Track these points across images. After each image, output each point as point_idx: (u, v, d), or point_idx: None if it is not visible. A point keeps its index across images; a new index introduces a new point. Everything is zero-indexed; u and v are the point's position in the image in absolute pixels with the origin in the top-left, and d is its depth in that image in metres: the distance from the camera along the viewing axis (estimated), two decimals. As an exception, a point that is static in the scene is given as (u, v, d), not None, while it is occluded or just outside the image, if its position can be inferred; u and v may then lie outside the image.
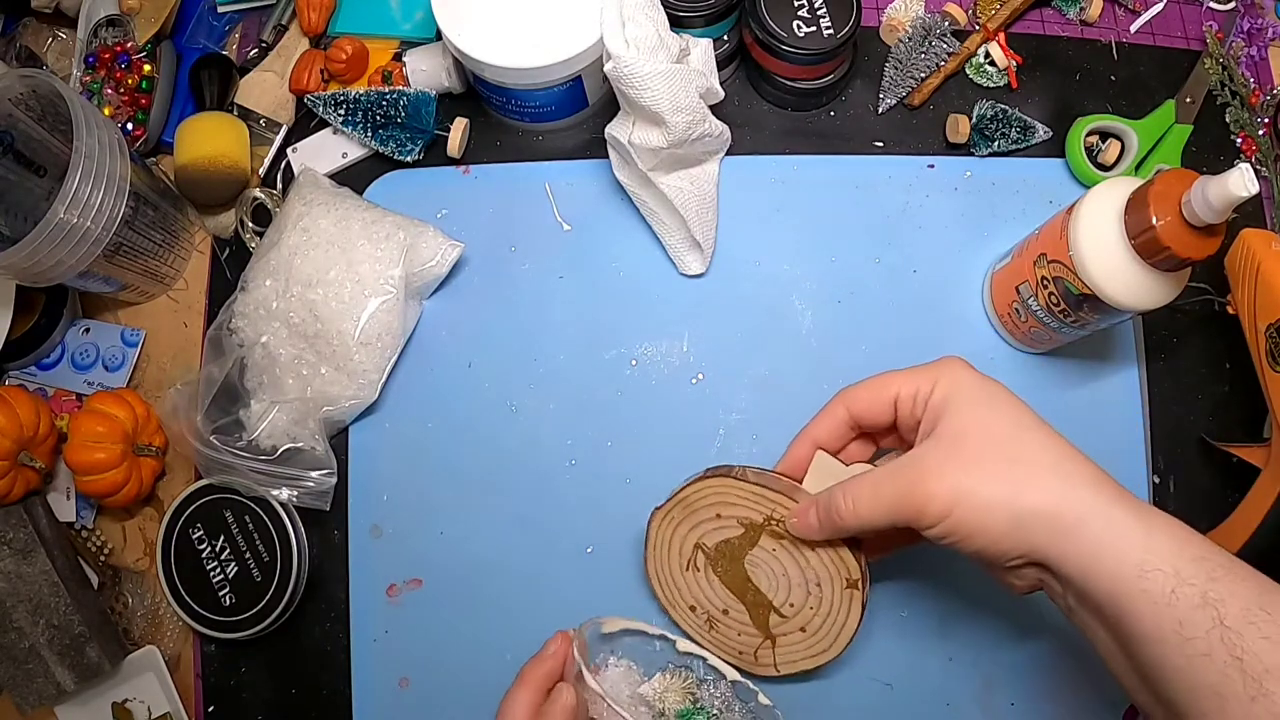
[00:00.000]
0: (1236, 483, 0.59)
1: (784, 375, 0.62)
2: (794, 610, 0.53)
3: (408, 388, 0.62)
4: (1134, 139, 0.64)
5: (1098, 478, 0.41)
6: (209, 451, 0.58)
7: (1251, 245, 0.54)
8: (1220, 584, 0.37)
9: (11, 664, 0.57)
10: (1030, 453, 0.41)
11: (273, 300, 0.59)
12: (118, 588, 0.62)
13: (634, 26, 0.54)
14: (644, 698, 0.55)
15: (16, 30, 0.70)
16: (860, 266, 0.63)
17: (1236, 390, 0.62)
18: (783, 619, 0.53)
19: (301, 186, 0.62)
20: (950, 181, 0.65)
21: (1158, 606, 0.37)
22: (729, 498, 0.52)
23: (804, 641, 0.53)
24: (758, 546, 0.52)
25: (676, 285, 0.63)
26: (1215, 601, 0.36)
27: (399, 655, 0.59)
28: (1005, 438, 0.42)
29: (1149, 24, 0.68)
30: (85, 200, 0.55)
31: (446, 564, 0.60)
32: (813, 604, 0.52)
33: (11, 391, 0.59)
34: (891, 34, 0.66)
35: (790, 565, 0.52)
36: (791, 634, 0.54)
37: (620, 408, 0.61)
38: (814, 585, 0.52)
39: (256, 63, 0.68)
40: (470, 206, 0.65)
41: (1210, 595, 0.36)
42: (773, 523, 0.51)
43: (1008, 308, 0.59)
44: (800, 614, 0.53)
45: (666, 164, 0.59)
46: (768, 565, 0.53)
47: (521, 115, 0.64)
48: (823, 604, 0.52)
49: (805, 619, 0.53)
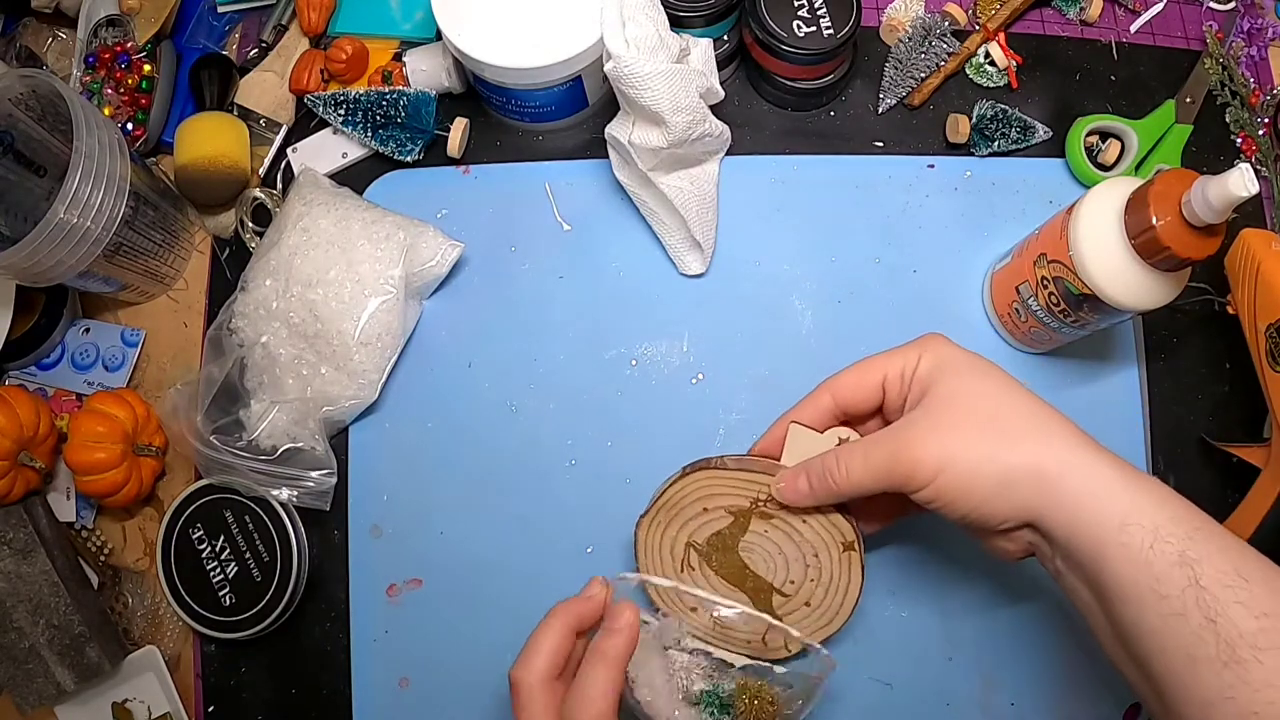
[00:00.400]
0: (1236, 483, 0.59)
1: (784, 375, 0.62)
2: (795, 587, 0.53)
3: (408, 388, 0.62)
4: (1134, 139, 0.64)
5: (1081, 437, 0.42)
6: (209, 451, 0.58)
7: (1251, 245, 0.54)
8: (1198, 544, 0.37)
9: (11, 664, 0.57)
10: (1014, 414, 0.42)
11: (273, 300, 0.59)
12: (118, 588, 0.62)
13: (634, 26, 0.54)
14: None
15: (16, 30, 0.70)
16: (860, 266, 0.63)
17: (1236, 390, 0.62)
18: (785, 598, 0.54)
19: (301, 186, 0.62)
20: (950, 181, 0.65)
21: (1135, 563, 0.37)
22: (712, 490, 0.52)
23: (810, 615, 0.53)
24: (749, 531, 0.53)
25: (676, 285, 0.63)
26: (1192, 561, 0.37)
27: (399, 655, 0.59)
28: (990, 402, 0.43)
29: (1149, 24, 0.68)
30: (85, 200, 0.55)
31: (446, 564, 0.60)
32: (813, 575, 0.53)
33: (11, 391, 0.59)
34: (891, 34, 0.66)
35: (784, 542, 0.52)
36: (797, 610, 0.54)
37: (620, 408, 0.61)
38: (811, 556, 0.52)
39: (256, 63, 0.68)
40: (470, 206, 0.65)
41: (1188, 554, 0.37)
42: (760, 504, 0.52)
43: (1008, 308, 0.59)
44: (802, 589, 0.53)
45: (666, 164, 0.59)
46: (762, 548, 0.53)
47: (521, 115, 0.64)
48: (823, 573, 0.52)
49: (808, 593, 0.53)
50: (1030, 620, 0.59)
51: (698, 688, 0.52)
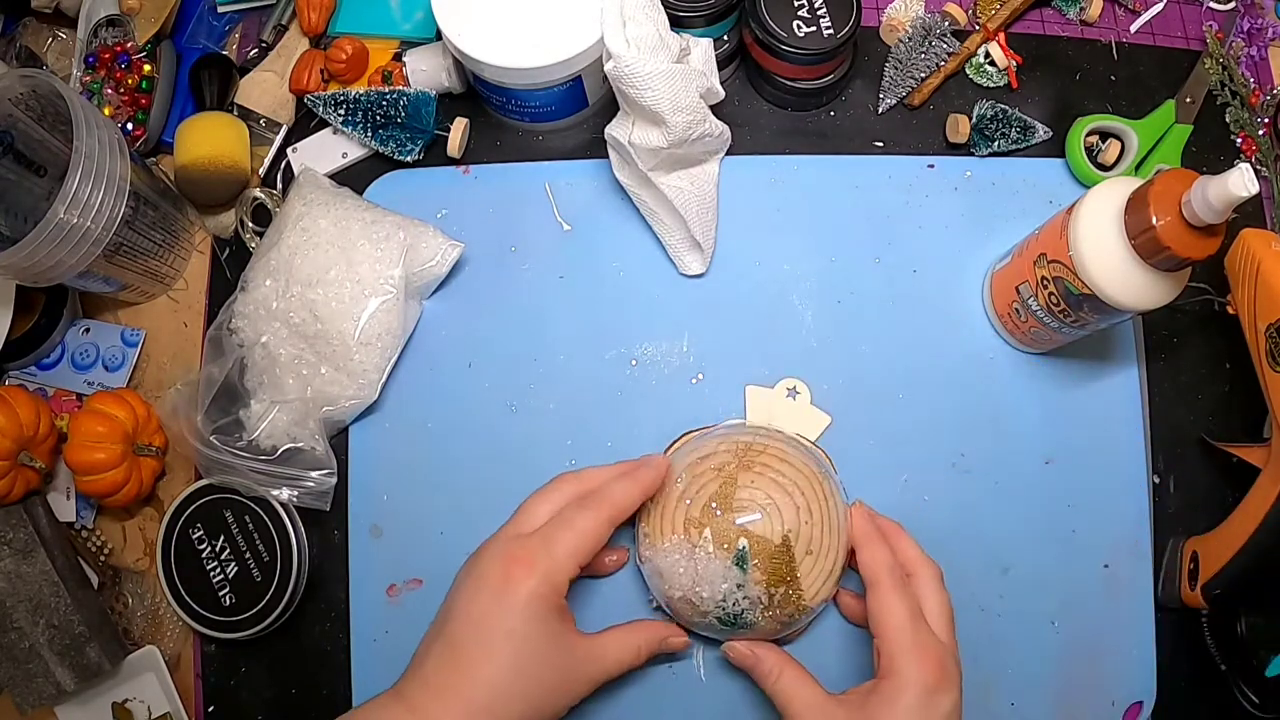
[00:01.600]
0: (1236, 483, 0.59)
1: (784, 375, 0.61)
2: (795, 536, 0.53)
3: (408, 388, 0.62)
4: (1134, 139, 0.64)
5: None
6: (209, 451, 0.58)
7: (1251, 245, 0.54)
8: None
9: (11, 664, 0.57)
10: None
11: (273, 300, 0.59)
12: (118, 588, 0.62)
13: (634, 26, 0.54)
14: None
15: (16, 30, 0.70)
16: (860, 266, 0.63)
17: (1236, 390, 0.62)
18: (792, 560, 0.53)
19: (301, 186, 0.62)
20: (950, 181, 0.65)
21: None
22: (695, 471, 0.54)
23: (817, 566, 0.53)
24: (739, 488, 0.53)
25: (676, 285, 0.63)
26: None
27: (399, 655, 0.59)
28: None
29: (1149, 24, 0.68)
30: (85, 200, 0.55)
31: (446, 564, 0.59)
32: (804, 517, 0.53)
33: (11, 391, 0.59)
34: (891, 34, 0.66)
35: (772, 489, 0.53)
36: (802, 563, 0.53)
37: (620, 408, 0.61)
38: (798, 496, 0.53)
39: (256, 63, 0.68)
40: (470, 206, 0.64)
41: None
42: (742, 453, 0.54)
43: (1008, 308, 0.59)
44: (800, 537, 0.53)
45: (666, 164, 0.59)
46: (755, 502, 0.53)
47: (521, 115, 0.64)
48: (814, 513, 0.53)
49: (807, 538, 0.53)
50: (1030, 620, 0.59)
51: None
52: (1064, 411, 0.61)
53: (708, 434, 0.58)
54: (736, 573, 0.52)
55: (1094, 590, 0.59)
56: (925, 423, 0.61)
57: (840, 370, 0.61)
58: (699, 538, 0.53)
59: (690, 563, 0.52)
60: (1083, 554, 0.60)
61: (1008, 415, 0.61)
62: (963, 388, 0.61)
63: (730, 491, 0.53)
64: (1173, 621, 0.60)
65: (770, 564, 0.52)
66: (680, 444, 0.60)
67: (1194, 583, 0.57)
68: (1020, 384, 0.62)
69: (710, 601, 0.52)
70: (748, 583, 0.52)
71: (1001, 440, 0.61)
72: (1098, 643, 0.59)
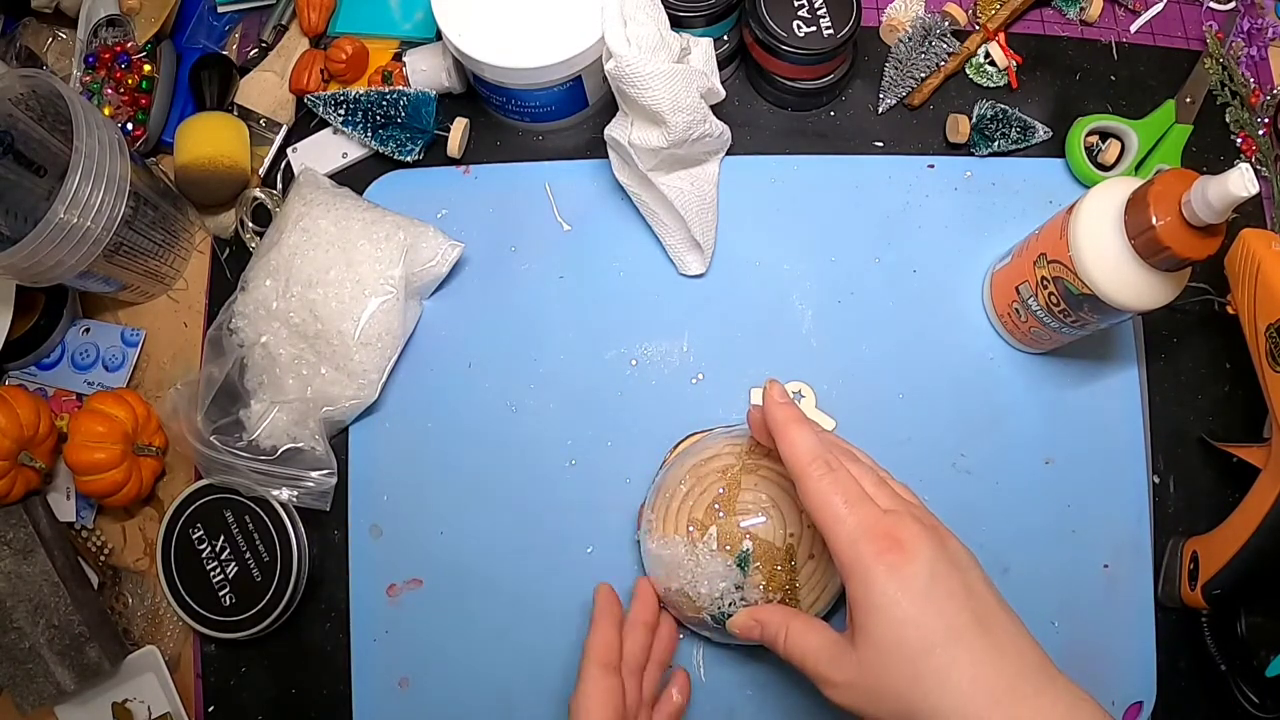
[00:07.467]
0: (1236, 483, 0.59)
1: (784, 375, 0.61)
2: (796, 538, 0.53)
3: (408, 388, 0.62)
4: (1134, 139, 0.64)
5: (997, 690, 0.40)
6: (209, 451, 0.58)
7: (1251, 245, 0.54)
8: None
9: (11, 664, 0.57)
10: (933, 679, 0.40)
11: (273, 300, 0.59)
12: (118, 588, 0.62)
13: (635, 26, 0.54)
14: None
15: (16, 30, 0.70)
16: (860, 266, 0.63)
17: (1236, 390, 0.62)
18: (793, 565, 0.53)
19: (301, 186, 0.62)
20: (950, 181, 0.65)
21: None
22: (700, 473, 0.54)
23: (818, 571, 0.53)
24: (742, 490, 0.53)
25: (676, 285, 0.63)
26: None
27: (399, 655, 0.59)
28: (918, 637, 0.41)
29: (1149, 24, 0.68)
30: (85, 200, 0.55)
31: (446, 564, 0.60)
32: (807, 521, 0.53)
33: (11, 391, 0.59)
34: (891, 34, 0.66)
35: (773, 490, 0.53)
36: (804, 568, 0.53)
37: (620, 408, 0.61)
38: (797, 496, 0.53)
39: (256, 63, 0.68)
40: (470, 206, 0.65)
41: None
42: (745, 456, 0.54)
43: (1008, 308, 0.59)
44: (803, 541, 0.53)
45: (666, 164, 0.59)
46: (758, 506, 0.53)
47: (521, 115, 0.64)
48: None
49: (809, 543, 0.53)
50: (1030, 620, 0.59)
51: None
52: (1064, 411, 0.61)
53: (711, 435, 0.58)
54: (737, 573, 0.52)
55: (1094, 590, 0.59)
56: (925, 423, 0.61)
57: (840, 370, 0.62)
58: (703, 536, 0.53)
59: (692, 558, 0.52)
60: (1083, 554, 0.60)
61: (1008, 415, 0.61)
62: (963, 388, 0.61)
63: (734, 493, 0.53)
64: (1173, 621, 0.60)
65: (771, 568, 0.52)
66: (685, 446, 0.60)
67: (1194, 583, 0.57)
68: (1020, 384, 0.62)
69: (707, 599, 0.52)
70: (746, 584, 0.52)
71: (1001, 440, 0.61)
72: (1098, 642, 0.59)
